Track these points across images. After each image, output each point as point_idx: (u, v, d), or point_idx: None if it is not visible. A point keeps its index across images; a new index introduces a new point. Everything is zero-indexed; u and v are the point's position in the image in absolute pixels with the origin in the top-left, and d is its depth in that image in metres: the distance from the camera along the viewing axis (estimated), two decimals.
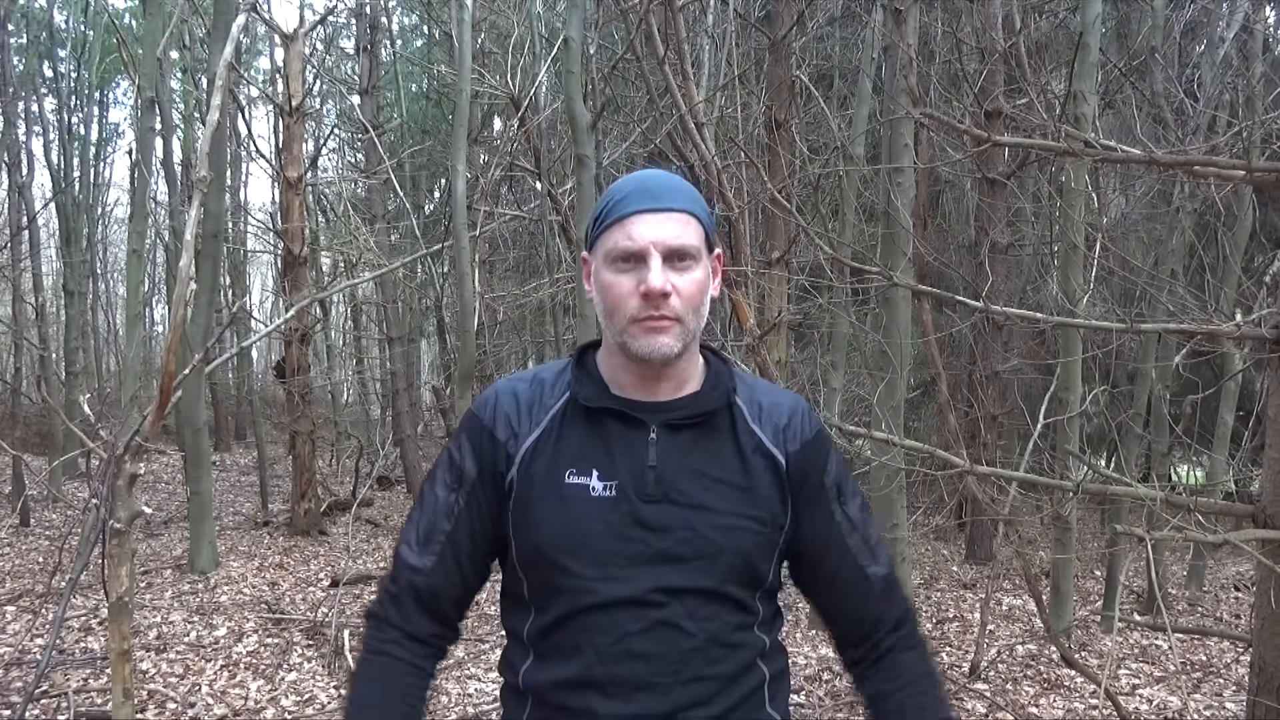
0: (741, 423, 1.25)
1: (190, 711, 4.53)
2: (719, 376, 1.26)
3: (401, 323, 12.69)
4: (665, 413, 1.21)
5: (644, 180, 1.18)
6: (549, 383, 1.26)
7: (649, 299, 1.13)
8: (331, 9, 13.46)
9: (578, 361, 1.28)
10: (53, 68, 14.95)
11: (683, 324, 1.16)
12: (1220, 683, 5.25)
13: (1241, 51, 7.43)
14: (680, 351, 1.17)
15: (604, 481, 1.18)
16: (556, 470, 1.20)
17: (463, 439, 1.26)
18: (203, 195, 3.01)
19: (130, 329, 8.05)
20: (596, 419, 1.21)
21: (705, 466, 1.20)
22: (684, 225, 1.16)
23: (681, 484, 1.19)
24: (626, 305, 1.15)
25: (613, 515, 1.17)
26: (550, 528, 1.18)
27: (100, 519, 3.73)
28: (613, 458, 1.19)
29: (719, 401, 1.23)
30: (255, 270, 23.19)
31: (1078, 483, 3.17)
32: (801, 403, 1.32)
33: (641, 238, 1.14)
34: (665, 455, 1.19)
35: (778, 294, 6.85)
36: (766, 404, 1.27)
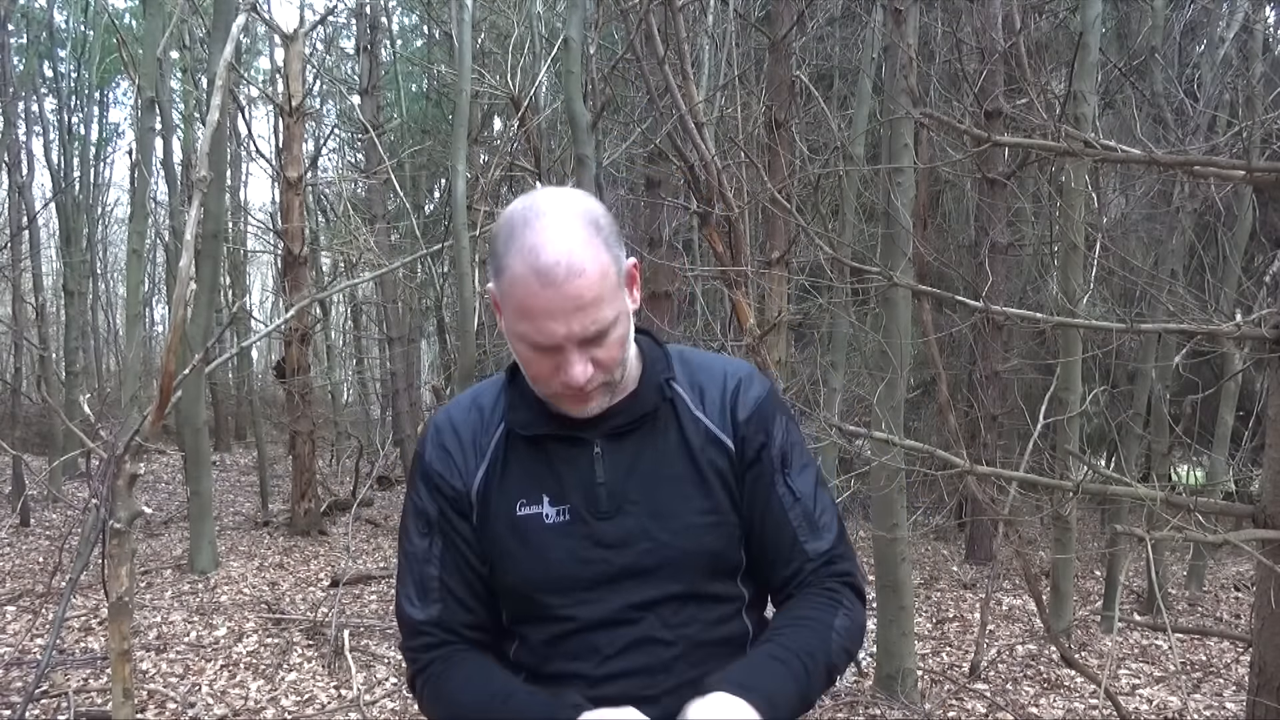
0: (685, 413, 1.20)
1: (190, 711, 4.53)
2: (654, 366, 1.21)
3: (401, 323, 12.68)
4: (606, 422, 1.17)
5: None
6: (487, 409, 1.23)
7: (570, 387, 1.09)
8: (331, 9, 13.47)
9: (510, 383, 1.23)
10: (53, 68, 14.96)
11: (610, 384, 1.13)
12: (1220, 683, 5.25)
13: (1241, 51, 7.42)
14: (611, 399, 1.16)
15: (556, 507, 1.16)
16: (507, 503, 1.18)
17: (418, 483, 1.23)
18: (203, 195, 3.01)
19: (130, 329, 8.05)
20: (538, 444, 1.19)
21: (656, 468, 1.18)
22: (595, 306, 1.05)
23: (634, 494, 1.16)
24: (549, 382, 1.11)
25: (570, 540, 1.15)
26: (512, 563, 1.17)
27: (100, 519, 3.73)
28: (561, 481, 1.17)
29: (657, 397, 1.19)
30: (255, 270, 23.20)
31: (1078, 483, 3.17)
32: (745, 367, 1.26)
33: (553, 335, 1.05)
34: (613, 468, 1.17)
35: (778, 294, 6.84)
36: (708, 383, 1.22)
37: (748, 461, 1.21)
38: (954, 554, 9.28)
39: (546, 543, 1.16)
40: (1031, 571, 4.31)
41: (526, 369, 1.13)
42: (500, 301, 1.10)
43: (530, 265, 1.03)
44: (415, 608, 1.21)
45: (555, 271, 1.02)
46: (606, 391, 1.14)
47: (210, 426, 11.17)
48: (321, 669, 5.22)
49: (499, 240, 1.08)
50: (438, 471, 1.20)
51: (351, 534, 7.07)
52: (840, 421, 3.77)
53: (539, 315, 1.04)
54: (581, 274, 1.03)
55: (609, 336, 1.09)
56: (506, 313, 1.09)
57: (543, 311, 1.04)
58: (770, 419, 1.22)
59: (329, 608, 5.94)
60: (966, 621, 6.62)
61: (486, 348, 9.02)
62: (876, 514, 5.01)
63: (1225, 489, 6.99)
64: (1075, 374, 5.60)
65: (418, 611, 1.21)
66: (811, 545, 1.21)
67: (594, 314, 1.05)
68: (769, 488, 1.21)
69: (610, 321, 1.08)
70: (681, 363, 1.24)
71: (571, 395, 1.12)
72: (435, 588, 1.20)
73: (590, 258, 1.04)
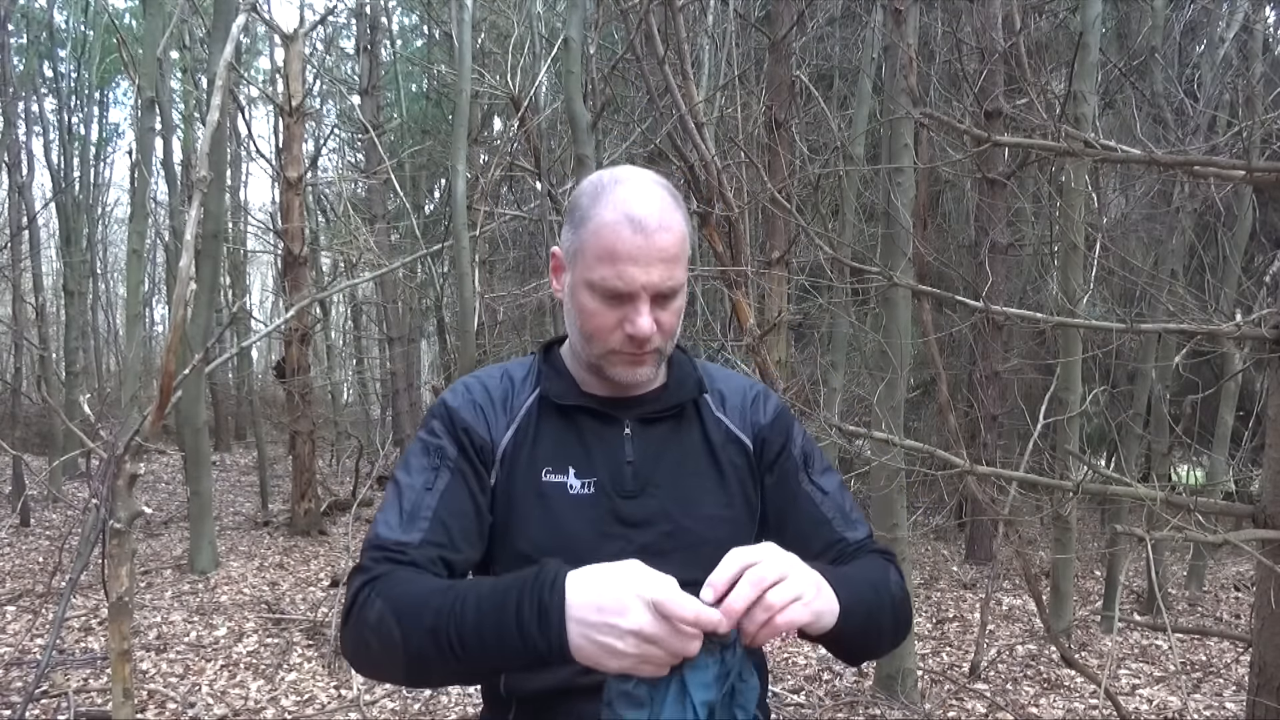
0: (709, 414, 1.25)
1: (190, 711, 4.53)
2: (684, 367, 1.26)
3: (401, 323, 12.69)
4: (638, 407, 1.20)
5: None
6: (519, 379, 1.23)
7: (634, 340, 1.12)
8: (331, 9, 13.48)
9: (544, 358, 1.26)
10: (53, 68, 14.96)
11: (661, 353, 1.16)
12: (1220, 683, 5.25)
13: (1241, 51, 7.43)
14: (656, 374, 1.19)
15: (581, 479, 1.17)
16: (533, 469, 1.17)
17: (434, 425, 1.18)
18: (203, 195, 3.01)
19: (130, 329, 8.06)
20: (569, 416, 1.20)
21: (681, 459, 1.20)
22: (674, 264, 1.10)
23: (659, 478, 1.18)
24: (608, 338, 1.13)
25: (592, 513, 1.16)
26: (532, 530, 1.15)
27: (100, 519, 3.73)
28: (589, 454, 1.18)
29: (690, 394, 1.23)
30: (255, 270, 23.22)
31: (1078, 483, 3.17)
32: (758, 383, 1.32)
33: (633, 281, 1.08)
34: (642, 450, 1.19)
35: (778, 294, 6.85)
36: (728, 390, 1.28)
37: (767, 462, 1.24)
38: (954, 554, 9.28)
39: (568, 513, 1.15)
40: (1031, 571, 4.31)
41: (586, 322, 1.13)
42: (576, 252, 1.12)
43: (624, 212, 1.08)
44: (394, 530, 1.09)
45: (649, 220, 1.08)
46: (657, 361, 1.17)
47: (210, 426, 11.17)
48: (321, 669, 5.22)
49: (583, 197, 1.13)
50: (464, 419, 1.17)
51: (351, 534, 7.06)
52: (840, 421, 3.77)
53: (624, 259, 1.08)
54: (670, 229, 1.10)
55: (675, 301, 1.13)
56: (582, 261, 1.11)
57: (628, 256, 1.08)
58: (789, 426, 1.28)
59: (329, 608, 5.94)
60: (966, 621, 6.62)
61: (486, 348, 9.02)
62: (876, 514, 5.01)
63: (1225, 489, 6.99)
64: (1075, 374, 5.60)
65: (394, 533, 1.09)
66: (849, 536, 1.23)
67: (673, 270, 1.10)
68: (795, 485, 1.24)
69: (681, 284, 1.13)
70: (705, 372, 1.29)
71: (628, 354, 1.14)
72: (426, 516, 1.10)
73: (676, 219, 1.12)
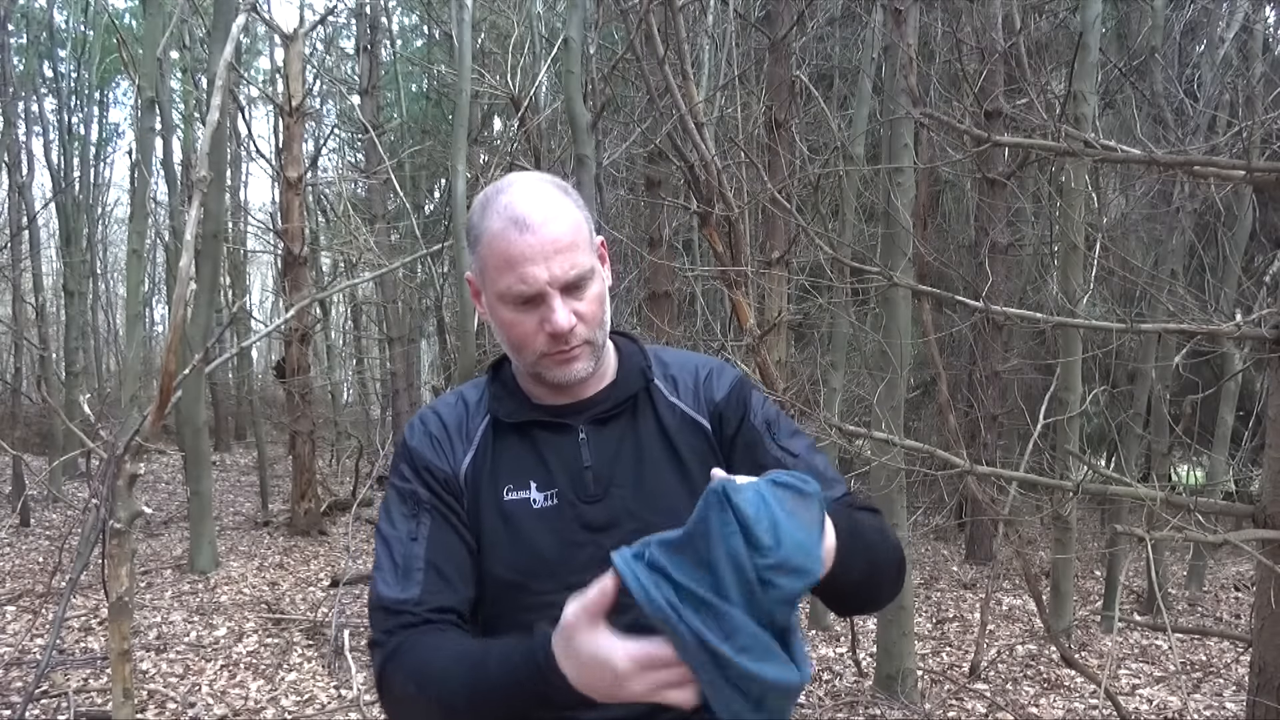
0: (661, 400, 1.23)
1: (190, 711, 4.53)
2: (631, 358, 1.25)
3: (401, 323, 12.68)
4: (589, 409, 1.20)
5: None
6: (472, 403, 1.23)
7: (556, 338, 1.11)
8: (331, 9, 13.47)
9: (493, 377, 1.25)
10: (53, 68, 14.95)
11: (592, 344, 1.15)
12: (1220, 683, 5.25)
13: (1241, 51, 7.43)
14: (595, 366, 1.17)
15: (543, 492, 1.16)
16: (495, 490, 1.17)
17: (403, 468, 1.20)
18: (203, 195, 3.01)
19: (130, 329, 8.06)
20: (523, 432, 1.20)
21: (638, 455, 1.19)
22: (571, 250, 1.09)
23: (619, 477, 1.17)
24: (533, 342, 1.12)
25: (558, 524, 1.15)
26: (503, 551, 1.16)
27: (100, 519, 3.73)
28: (548, 466, 1.18)
29: (637, 384, 1.22)
30: (255, 270, 23.21)
31: (1078, 483, 3.17)
32: (713, 360, 1.29)
33: (536, 280, 1.08)
34: (598, 452, 1.18)
35: (778, 294, 6.84)
36: (680, 374, 1.25)
37: (728, 436, 1.22)
38: (954, 554, 9.29)
39: (534, 528, 1.15)
40: (1031, 571, 4.31)
41: (510, 334, 1.14)
42: (481, 271, 1.13)
43: (507, 217, 1.08)
44: (393, 588, 1.12)
45: (531, 218, 1.08)
46: (591, 354, 1.15)
47: (210, 426, 11.18)
48: (321, 669, 5.22)
49: (474, 216, 1.13)
50: (425, 457, 1.19)
51: (351, 534, 7.07)
52: (840, 421, 3.77)
53: (519, 261, 1.08)
54: (556, 219, 1.09)
55: (588, 289, 1.12)
56: (488, 277, 1.12)
57: (523, 257, 1.07)
58: (746, 396, 1.24)
59: (329, 608, 5.94)
60: (966, 621, 6.62)
61: (486, 348, 9.02)
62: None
63: (1225, 489, 6.99)
64: (1075, 374, 5.60)
65: (396, 591, 1.12)
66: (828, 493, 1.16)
67: (572, 257, 1.09)
68: (762, 454, 1.20)
69: (588, 270, 1.11)
70: (655, 357, 1.28)
71: (557, 354, 1.13)
72: (419, 567, 1.13)
73: (562, 208, 1.11)
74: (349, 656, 5.06)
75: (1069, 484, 3.22)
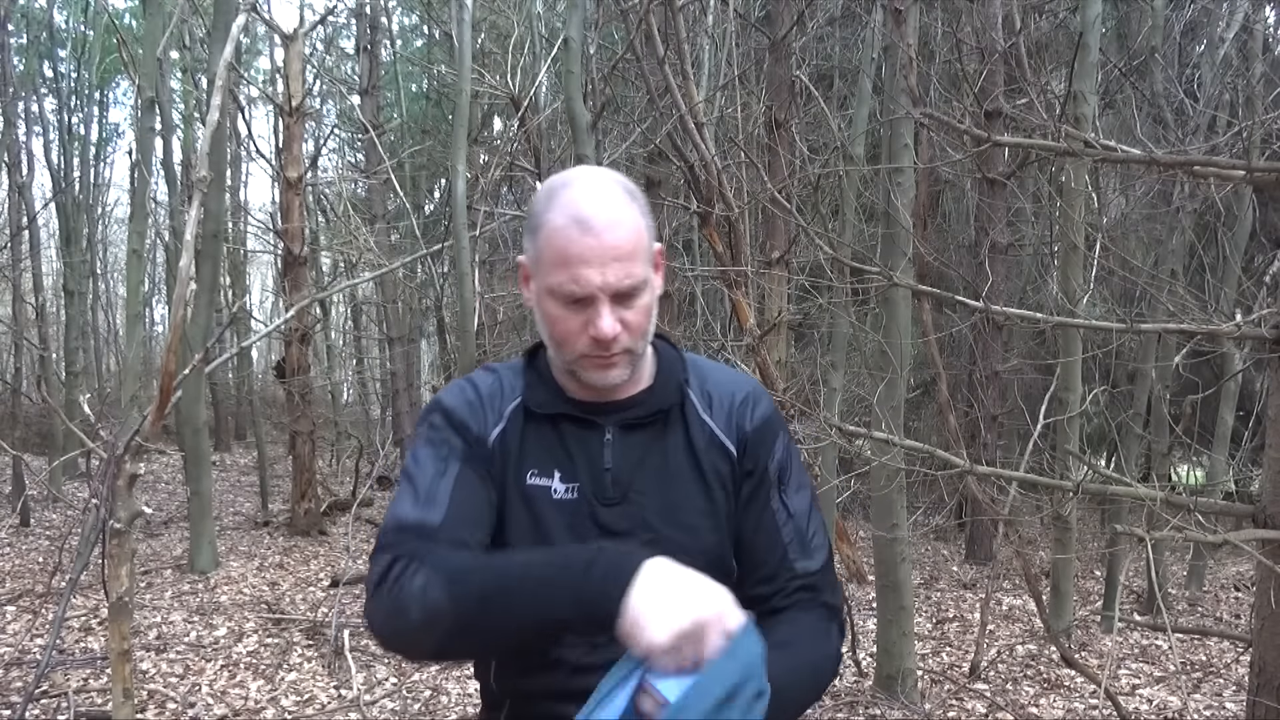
0: (694, 416, 1.22)
1: (190, 711, 4.53)
2: (671, 367, 1.23)
3: (401, 323, 12.69)
4: (619, 412, 1.19)
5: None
6: (506, 382, 1.24)
7: (599, 343, 1.10)
8: (331, 9, 13.48)
9: (528, 363, 1.25)
10: (53, 68, 14.95)
11: (632, 353, 1.14)
12: (1220, 683, 5.25)
13: (1241, 51, 7.43)
14: (631, 374, 1.16)
15: (566, 484, 1.17)
16: (520, 471, 1.18)
17: (434, 419, 1.20)
18: (203, 195, 3.01)
19: (130, 329, 8.05)
20: (553, 422, 1.20)
21: (663, 466, 1.19)
22: (630, 260, 1.08)
23: (639, 484, 1.17)
24: (575, 342, 1.11)
25: (574, 518, 1.15)
26: (515, 530, 1.16)
27: (100, 519, 3.73)
28: (572, 459, 1.18)
29: (672, 397, 1.21)
30: (255, 270, 23.18)
31: (1078, 483, 3.17)
32: (754, 384, 1.28)
33: (589, 284, 1.07)
34: (621, 457, 1.18)
35: (778, 294, 6.85)
36: (717, 392, 1.24)
37: (746, 470, 1.21)
38: (954, 554, 9.29)
39: (551, 516, 1.16)
40: (1031, 571, 4.31)
41: (553, 329, 1.12)
42: (535, 260, 1.12)
43: (571, 215, 1.07)
44: (413, 510, 1.10)
45: (595, 220, 1.06)
46: (629, 363, 1.14)
47: (210, 426, 11.17)
48: (321, 669, 5.22)
49: (537, 204, 1.12)
50: (460, 415, 1.19)
51: (351, 534, 7.07)
52: (840, 421, 3.77)
53: (576, 262, 1.06)
54: (620, 225, 1.08)
55: (639, 299, 1.11)
56: (541, 269, 1.11)
57: (580, 258, 1.06)
58: (774, 435, 1.23)
59: (329, 608, 5.94)
60: (966, 621, 6.62)
61: (486, 348, 9.01)
62: (876, 514, 5.00)
63: (1225, 489, 6.99)
64: (1075, 374, 5.60)
65: (417, 513, 1.10)
66: (801, 563, 1.19)
67: (629, 267, 1.08)
68: (764, 501, 1.20)
69: (642, 281, 1.10)
70: (694, 368, 1.26)
71: (597, 357, 1.12)
72: (444, 500, 1.11)
73: (628, 215, 1.09)
74: (349, 656, 5.06)
75: (1069, 484, 3.22)
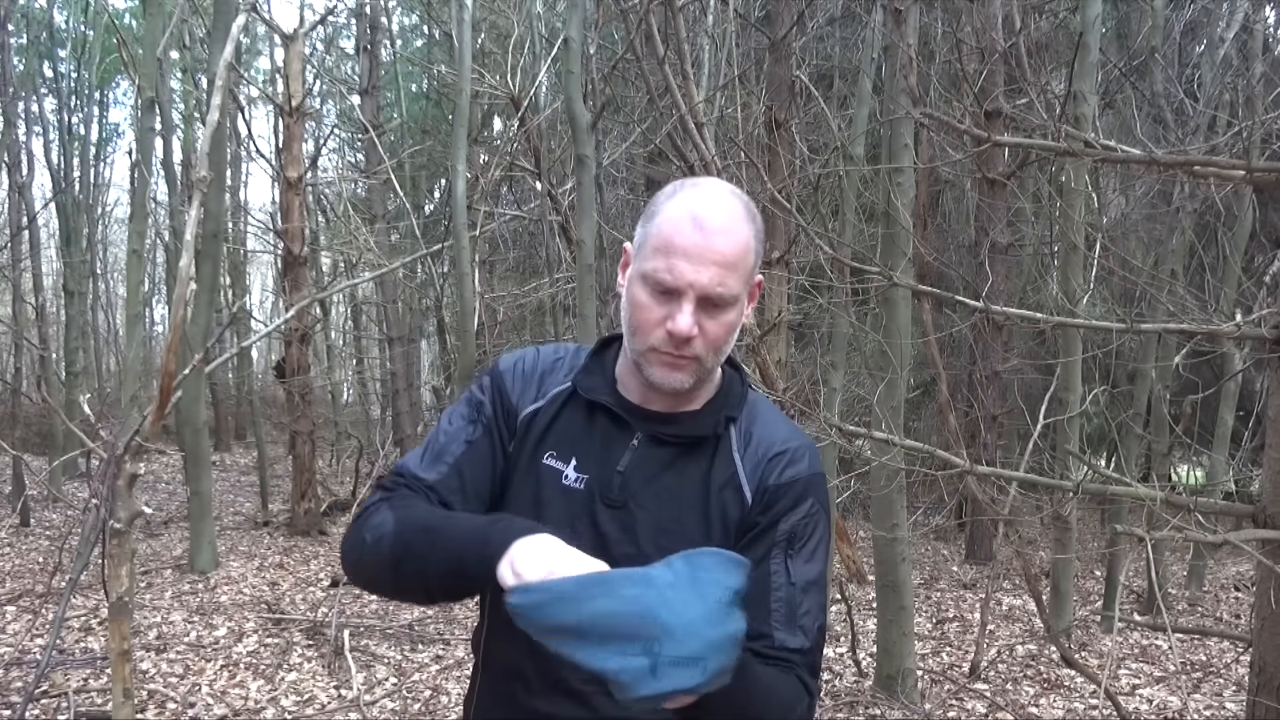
0: (724, 452, 1.19)
1: (190, 711, 4.53)
2: (727, 399, 1.21)
3: (401, 323, 12.68)
4: (656, 424, 1.18)
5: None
6: (566, 362, 1.27)
7: (673, 338, 1.10)
8: (331, 9, 13.47)
9: (596, 351, 1.27)
10: (53, 68, 14.94)
11: (701, 363, 1.13)
12: (1220, 683, 5.25)
13: (1241, 51, 7.43)
14: (692, 386, 1.15)
15: (578, 473, 1.18)
16: (539, 449, 1.20)
17: (485, 380, 1.27)
18: (203, 195, 3.01)
19: (130, 329, 8.06)
20: (591, 411, 1.21)
21: (673, 489, 1.17)
22: (728, 270, 1.08)
23: (644, 498, 1.16)
24: (651, 333, 1.11)
25: (576, 506, 1.17)
26: (518, 504, 1.19)
27: (100, 519, 3.73)
28: (593, 452, 1.19)
29: (712, 427, 1.18)
30: (255, 270, 23.18)
31: (1078, 483, 3.17)
32: (804, 442, 1.22)
33: (681, 277, 1.07)
34: (637, 464, 1.17)
35: (778, 294, 6.85)
36: (760, 437, 1.20)
37: (755, 523, 1.16)
38: (954, 554, 9.28)
39: (554, 499, 1.18)
40: (1031, 571, 4.31)
41: (634, 315, 1.13)
42: (640, 244, 1.14)
43: (689, 209, 1.09)
44: (417, 465, 1.22)
45: (710, 221, 1.08)
46: (696, 372, 1.14)
47: (210, 426, 11.17)
48: (321, 669, 5.22)
49: (660, 197, 1.15)
50: (506, 382, 1.25)
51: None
52: (840, 421, 3.77)
53: (678, 253, 1.08)
54: (731, 234, 1.09)
55: (725, 313, 1.11)
56: (643, 253, 1.12)
57: (682, 250, 1.08)
58: (800, 498, 1.17)
59: (329, 608, 5.94)
60: (966, 621, 6.62)
61: (486, 348, 9.02)
62: (876, 514, 5.00)
63: (1225, 489, 6.99)
64: (1075, 374, 5.60)
65: (418, 468, 1.21)
66: (780, 636, 1.11)
67: (725, 276, 1.09)
68: (764, 557, 1.14)
69: (734, 296, 1.11)
70: (750, 408, 1.23)
71: (666, 354, 1.12)
72: (449, 462, 1.21)
73: (742, 229, 1.11)
74: (349, 656, 5.06)
75: (1069, 484, 3.22)
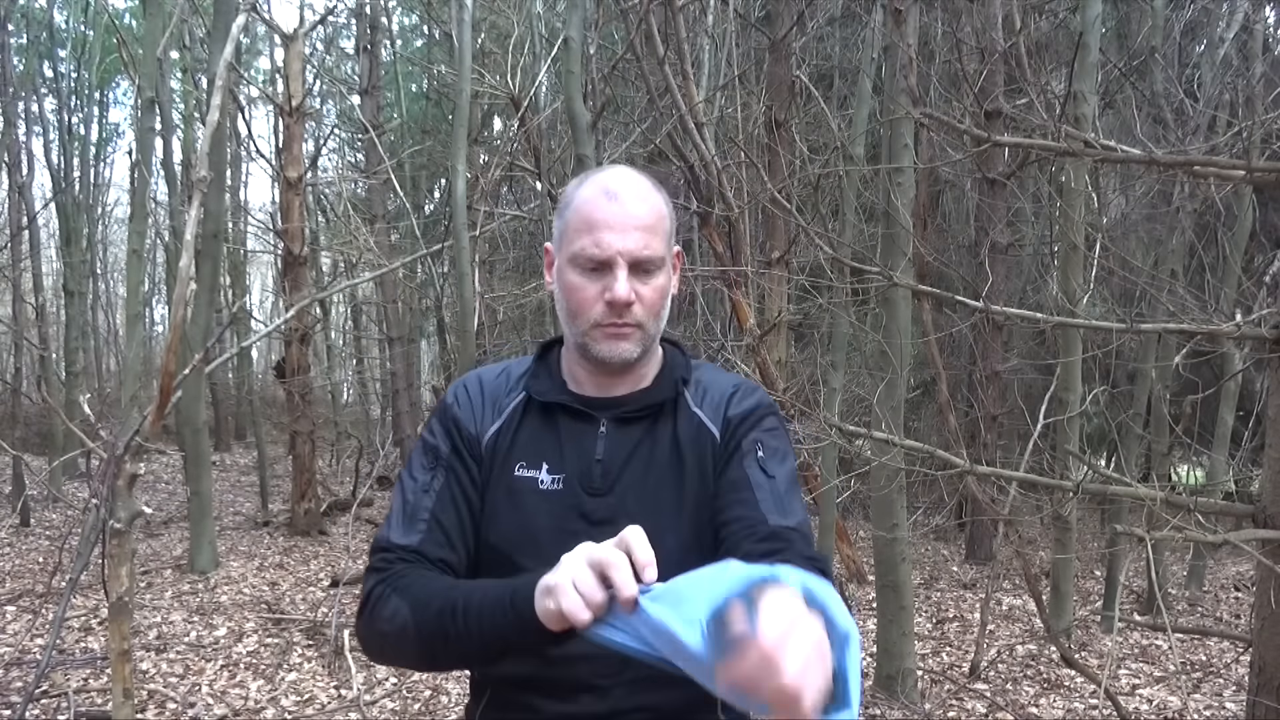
0: (685, 409, 1.25)
1: (190, 711, 4.53)
2: (674, 369, 1.27)
3: (401, 323, 12.69)
4: (616, 407, 1.23)
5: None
6: (514, 376, 1.28)
7: (613, 308, 1.15)
8: (331, 9, 13.48)
9: (539, 357, 1.30)
10: (53, 68, 14.94)
11: (644, 330, 1.18)
12: (1220, 683, 5.25)
13: (1241, 51, 7.42)
14: (640, 355, 1.20)
15: (552, 475, 1.20)
16: (509, 465, 1.22)
17: (434, 424, 1.27)
18: (203, 195, 3.01)
19: (130, 329, 8.06)
20: (551, 414, 1.23)
21: (649, 459, 1.21)
22: (650, 233, 1.15)
23: (627, 476, 1.20)
24: (590, 310, 1.16)
25: (559, 508, 1.18)
26: (501, 523, 1.20)
27: (100, 519, 3.73)
28: (562, 451, 1.21)
29: (668, 392, 1.24)
30: (255, 270, 23.18)
31: (1078, 483, 3.17)
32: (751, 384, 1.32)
33: (609, 247, 1.13)
34: (613, 449, 1.21)
35: (778, 294, 6.85)
36: (712, 388, 1.27)
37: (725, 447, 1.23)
38: (954, 554, 9.28)
39: (535, 506, 1.19)
40: (1031, 571, 4.31)
41: (570, 299, 1.17)
42: (561, 234, 1.19)
43: (600, 187, 1.16)
44: (396, 532, 1.19)
45: (623, 192, 1.15)
46: (640, 340, 1.18)
47: (210, 426, 11.18)
48: (321, 669, 5.22)
49: (568, 189, 1.21)
50: (455, 415, 1.25)
51: (351, 534, 7.08)
52: (840, 421, 3.77)
53: (599, 226, 1.14)
54: (644, 200, 1.16)
55: (655, 276, 1.17)
56: (565, 240, 1.18)
57: (604, 223, 1.14)
58: (761, 419, 1.24)
59: (329, 608, 5.94)
60: (966, 621, 6.62)
61: (486, 348, 9.02)
62: (876, 514, 5.00)
63: (1225, 489, 6.99)
64: (1075, 374, 5.60)
65: (399, 536, 1.19)
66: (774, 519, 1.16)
67: (648, 239, 1.15)
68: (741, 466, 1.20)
69: (660, 258, 1.17)
70: (698, 369, 1.30)
71: (609, 325, 1.16)
72: (424, 519, 1.19)
73: (652, 195, 1.19)
74: (349, 656, 5.06)
75: (1069, 484, 3.22)
